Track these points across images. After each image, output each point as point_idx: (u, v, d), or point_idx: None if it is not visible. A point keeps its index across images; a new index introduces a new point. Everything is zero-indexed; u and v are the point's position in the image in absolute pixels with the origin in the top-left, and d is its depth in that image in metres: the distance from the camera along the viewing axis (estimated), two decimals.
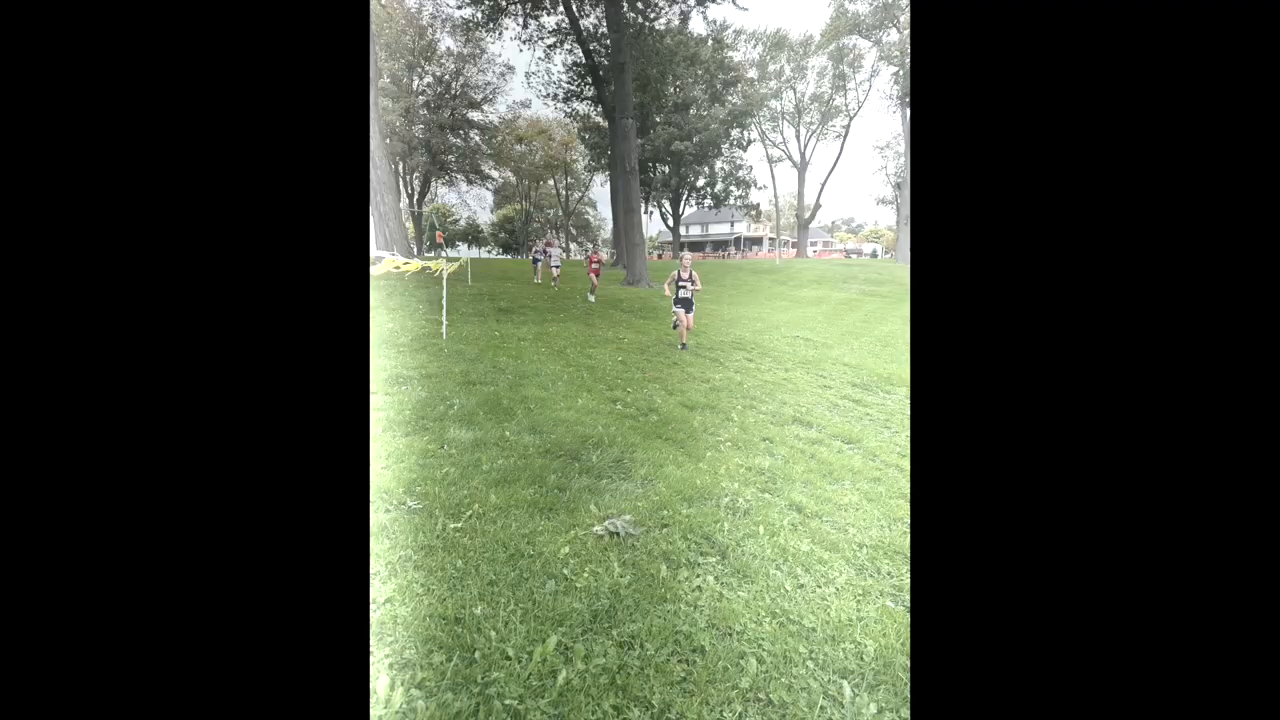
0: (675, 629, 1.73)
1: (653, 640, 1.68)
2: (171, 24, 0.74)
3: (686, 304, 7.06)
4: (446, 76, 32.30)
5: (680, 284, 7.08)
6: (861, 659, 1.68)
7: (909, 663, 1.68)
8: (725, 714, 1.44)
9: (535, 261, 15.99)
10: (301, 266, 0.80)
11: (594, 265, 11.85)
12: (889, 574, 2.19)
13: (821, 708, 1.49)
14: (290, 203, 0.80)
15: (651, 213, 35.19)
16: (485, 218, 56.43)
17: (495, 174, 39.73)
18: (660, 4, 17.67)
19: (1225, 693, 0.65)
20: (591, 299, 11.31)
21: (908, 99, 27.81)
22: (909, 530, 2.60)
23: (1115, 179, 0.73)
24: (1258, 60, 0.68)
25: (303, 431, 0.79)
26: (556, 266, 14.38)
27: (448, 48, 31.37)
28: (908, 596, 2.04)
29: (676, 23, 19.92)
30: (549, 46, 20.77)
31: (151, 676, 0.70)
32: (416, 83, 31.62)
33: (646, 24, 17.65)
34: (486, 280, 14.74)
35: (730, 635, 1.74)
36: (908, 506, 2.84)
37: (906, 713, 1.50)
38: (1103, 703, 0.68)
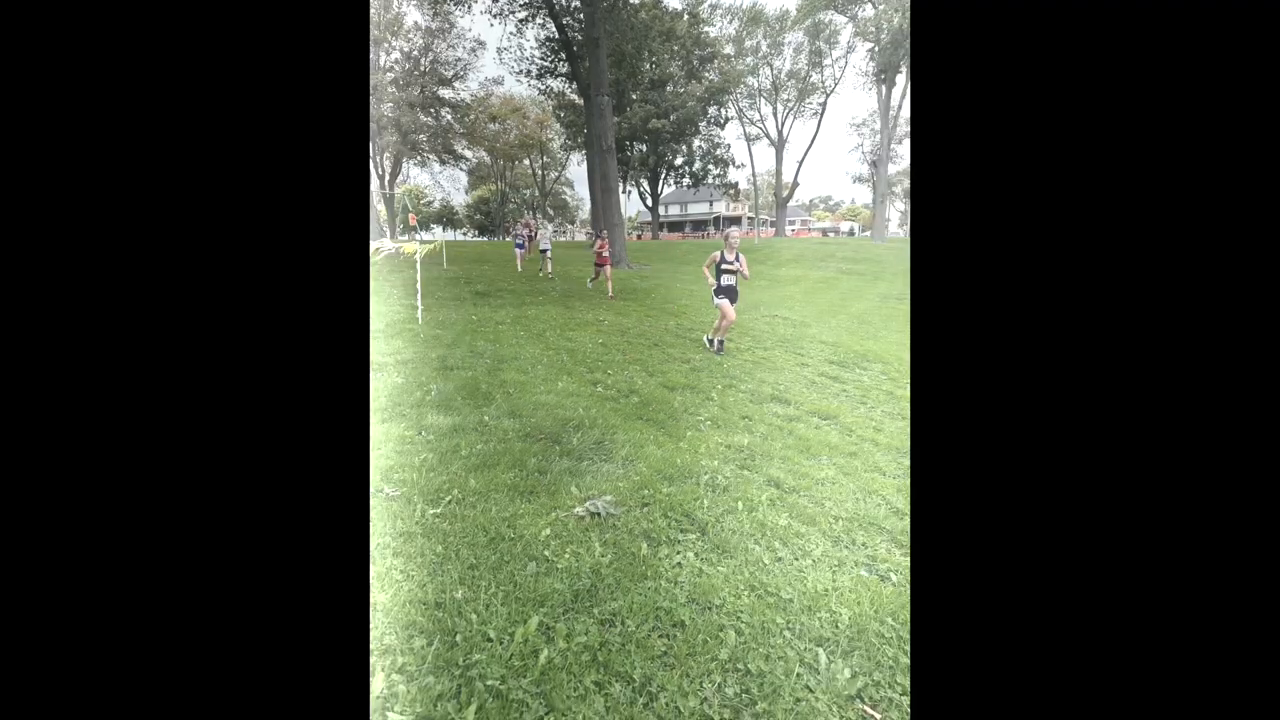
0: (656, 605, 1.76)
1: (634, 617, 1.70)
2: (175, 21, 0.74)
3: (731, 293, 5.45)
4: (415, 52, 31.16)
5: (724, 268, 5.43)
6: (837, 627, 1.73)
7: (884, 630, 1.73)
8: (705, 685, 1.47)
9: (519, 247, 13.93)
10: (302, 256, 0.80)
11: (604, 254, 10.12)
12: (863, 545, 2.24)
13: (798, 675, 1.53)
14: (290, 192, 0.79)
15: (630, 192, 34.84)
16: (460, 199, 55.30)
17: (469, 154, 38.70)
18: None
19: (1224, 675, 0.66)
20: (590, 285, 10.35)
21: (883, 75, 27.76)
22: (893, 508, 2.66)
23: (1113, 168, 0.73)
24: (1258, 54, 0.68)
25: (303, 423, 0.79)
26: (546, 249, 12.62)
27: (415, 22, 30.28)
28: (881, 565, 2.10)
29: None
30: (520, 20, 20.10)
31: (150, 669, 0.69)
32: (383, 59, 30.45)
33: None
34: (462, 263, 14.48)
35: (710, 609, 1.77)
36: (881, 479, 2.91)
37: (879, 676, 1.55)
38: (1103, 690, 0.69)
